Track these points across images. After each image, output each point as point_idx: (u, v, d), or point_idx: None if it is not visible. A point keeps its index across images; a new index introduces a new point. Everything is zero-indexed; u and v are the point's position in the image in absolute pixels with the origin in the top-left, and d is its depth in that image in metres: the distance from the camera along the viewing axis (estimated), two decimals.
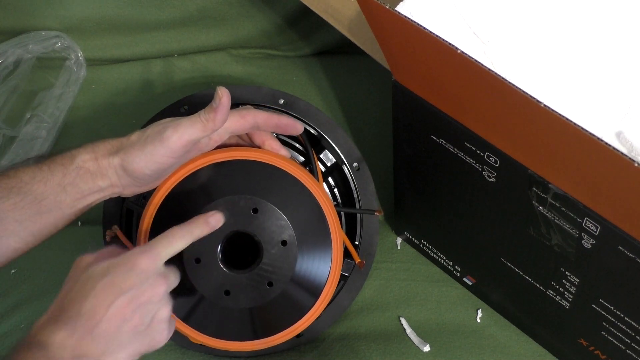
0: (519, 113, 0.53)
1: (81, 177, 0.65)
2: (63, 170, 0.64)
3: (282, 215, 0.70)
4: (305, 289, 0.73)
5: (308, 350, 0.82)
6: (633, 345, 0.66)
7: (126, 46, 1.07)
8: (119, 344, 0.57)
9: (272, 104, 0.79)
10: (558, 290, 0.70)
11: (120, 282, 0.58)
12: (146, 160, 0.64)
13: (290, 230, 0.71)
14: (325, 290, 0.73)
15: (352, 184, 0.81)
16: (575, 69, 0.58)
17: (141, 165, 0.65)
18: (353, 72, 1.05)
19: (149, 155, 0.64)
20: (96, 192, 0.66)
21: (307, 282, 0.72)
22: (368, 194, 0.81)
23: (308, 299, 0.73)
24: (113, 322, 0.57)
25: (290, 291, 0.72)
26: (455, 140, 0.65)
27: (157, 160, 0.65)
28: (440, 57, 0.55)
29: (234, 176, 0.70)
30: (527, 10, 0.61)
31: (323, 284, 0.73)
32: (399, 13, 0.54)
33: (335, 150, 0.80)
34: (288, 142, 0.80)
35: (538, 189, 0.60)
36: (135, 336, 0.58)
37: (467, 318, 0.85)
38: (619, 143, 0.54)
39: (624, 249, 0.57)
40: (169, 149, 0.64)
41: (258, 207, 0.70)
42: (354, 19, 0.73)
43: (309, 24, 1.06)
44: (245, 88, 0.80)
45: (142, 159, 0.64)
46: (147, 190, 0.69)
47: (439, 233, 0.83)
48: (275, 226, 0.71)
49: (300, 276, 0.72)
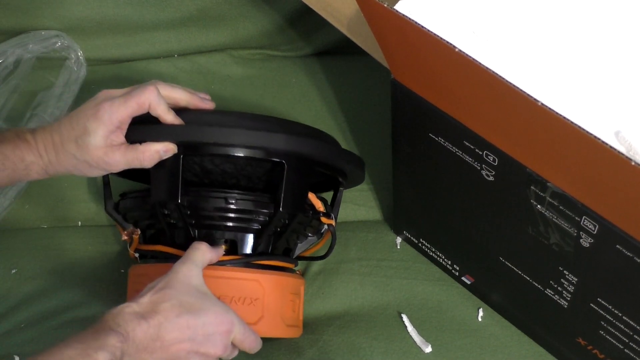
0: (517, 112, 0.53)
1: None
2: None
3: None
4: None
5: (308, 347, 0.82)
6: (631, 345, 0.66)
7: (126, 46, 1.07)
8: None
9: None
10: (556, 289, 0.70)
11: (202, 337, 0.66)
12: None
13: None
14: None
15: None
16: (574, 68, 0.58)
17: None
18: (353, 72, 1.05)
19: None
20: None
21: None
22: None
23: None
24: (171, 353, 0.65)
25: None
26: (454, 139, 0.65)
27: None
28: (439, 56, 0.55)
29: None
30: (526, 10, 0.61)
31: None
32: (398, 12, 0.54)
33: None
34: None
35: (536, 187, 0.60)
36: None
37: (468, 317, 0.85)
38: (618, 142, 0.54)
39: (622, 248, 0.57)
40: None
41: None
42: (353, 17, 0.73)
43: (309, 24, 1.06)
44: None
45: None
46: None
47: (438, 232, 0.83)
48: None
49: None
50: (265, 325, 0.74)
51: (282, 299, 0.76)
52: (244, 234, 0.77)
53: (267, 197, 0.75)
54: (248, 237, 0.77)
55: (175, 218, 0.74)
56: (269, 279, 0.75)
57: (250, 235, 0.77)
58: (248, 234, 0.77)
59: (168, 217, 0.75)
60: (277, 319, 0.76)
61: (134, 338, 0.62)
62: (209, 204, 0.74)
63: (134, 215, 0.79)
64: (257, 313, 0.74)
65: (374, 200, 0.95)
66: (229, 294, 0.73)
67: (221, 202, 0.74)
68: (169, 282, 0.67)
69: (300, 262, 0.89)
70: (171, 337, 0.64)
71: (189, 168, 0.76)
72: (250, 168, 0.76)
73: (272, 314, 0.75)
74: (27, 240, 0.93)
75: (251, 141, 0.71)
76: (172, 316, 0.64)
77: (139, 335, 0.63)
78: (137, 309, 0.64)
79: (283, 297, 0.77)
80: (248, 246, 0.77)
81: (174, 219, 0.75)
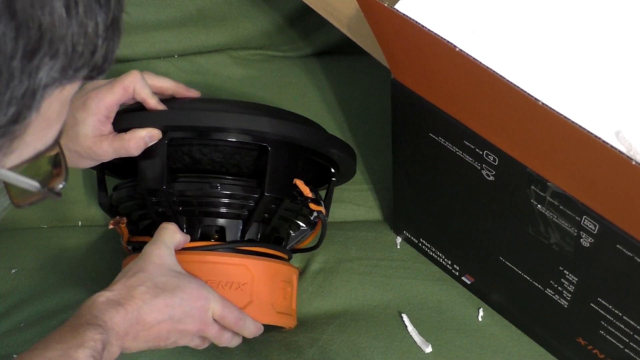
0: (517, 111, 0.53)
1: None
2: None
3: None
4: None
5: (308, 346, 0.82)
6: (631, 344, 0.66)
7: (126, 46, 1.07)
8: (144, 345, 0.67)
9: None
10: (556, 289, 0.70)
11: (181, 314, 0.67)
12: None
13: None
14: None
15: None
16: (574, 67, 0.58)
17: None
18: (353, 72, 1.05)
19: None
20: None
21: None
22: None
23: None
24: (154, 334, 0.66)
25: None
26: (454, 139, 0.65)
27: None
28: (439, 55, 0.55)
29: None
30: (526, 10, 0.61)
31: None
32: (398, 11, 0.54)
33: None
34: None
35: (537, 187, 0.60)
36: (158, 344, 0.68)
37: (468, 317, 0.85)
38: (618, 142, 0.54)
39: (623, 248, 0.57)
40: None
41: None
42: (353, 17, 0.73)
43: (309, 24, 1.06)
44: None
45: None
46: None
47: (438, 232, 0.83)
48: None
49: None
50: (255, 310, 0.74)
51: (272, 285, 0.77)
52: (232, 220, 0.77)
53: (254, 183, 0.75)
54: (236, 223, 0.77)
55: (164, 206, 0.75)
56: (257, 264, 0.76)
57: (239, 222, 0.77)
58: (236, 221, 0.77)
59: (157, 206, 0.76)
60: (267, 304, 0.76)
61: (113, 326, 0.63)
62: (195, 190, 0.75)
63: (126, 206, 0.80)
64: (245, 298, 0.75)
65: (374, 200, 0.95)
66: (215, 279, 0.74)
67: (207, 187, 0.74)
68: (142, 266, 0.68)
69: (300, 261, 0.89)
70: (151, 319, 0.65)
71: (179, 158, 0.76)
72: (239, 156, 0.76)
73: (261, 300, 0.75)
74: (27, 240, 0.93)
75: (233, 124, 0.72)
76: (149, 298, 0.65)
77: (118, 322, 0.63)
78: (112, 297, 0.65)
79: (273, 284, 0.77)
80: (237, 233, 0.78)
81: (162, 207, 0.76)
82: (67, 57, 0.34)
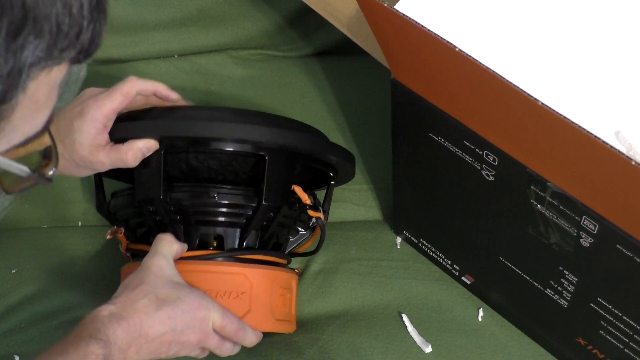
0: (517, 111, 0.53)
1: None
2: None
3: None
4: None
5: (308, 346, 0.82)
6: (631, 344, 0.66)
7: (126, 46, 1.07)
8: (146, 357, 0.67)
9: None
10: (556, 289, 0.70)
11: (182, 325, 0.67)
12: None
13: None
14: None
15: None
16: (574, 67, 0.58)
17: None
18: (353, 72, 1.05)
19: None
20: None
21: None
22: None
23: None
24: (156, 346, 0.66)
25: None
26: (454, 139, 0.65)
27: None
28: (439, 55, 0.55)
29: None
30: (526, 10, 0.61)
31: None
32: (398, 11, 0.54)
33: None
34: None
35: (536, 187, 0.60)
36: (160, 355, 0.68)
37: (468, 317, 0.85)
38: (618, 142, 0.54)
39: (623, 248, 0.57)
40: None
41: None
42: (353, 17, 0.73)
43: (309, 24, 1.06)
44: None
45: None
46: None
47: (438, 232, 0.83)
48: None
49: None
50: (254, 319, 0.74)
51: (270, 292, 0.76)
52: (230, 228, 0.77)
53: (251, 191, 0.75)
54: (234, 231, 0.77)
55: (161, 215, 0.75)
56: (255, 273, 0.75)
57: (237, 230, 0.77)
58: (234, 229, 0.77)
59: (154, 214, 0.75)
60: (266, 312, 0.76)
61: (116, 340, 0.63)
62: (192, 199, 0.74)
63: (124, 213, 0.79)
64: (244, 306, 0.74)
65: (374, 200, 0.95)
66: (214, 288, 0.73)
67: (204, 196, 0.74)
68: (143, 278, 0.68)
69: (299, 262, 0.89)
70: (154, 331, 0.65)
71: (175, 166, 0.76)
72: (236, 163, 0.76)
73: (260, 308, 0.75)
74: (27, 240, 0.93)
75: (230, 134, 0.71)
76: (151, 311, 0.65)
77: (121, 336, 0.63)
78: (115, 310, 0.65)
79: (272, 291, 0.77)
80: (235, 241, 0.77)
81: (159, 216, 0.75)
82: (52, 36, 0.35)
